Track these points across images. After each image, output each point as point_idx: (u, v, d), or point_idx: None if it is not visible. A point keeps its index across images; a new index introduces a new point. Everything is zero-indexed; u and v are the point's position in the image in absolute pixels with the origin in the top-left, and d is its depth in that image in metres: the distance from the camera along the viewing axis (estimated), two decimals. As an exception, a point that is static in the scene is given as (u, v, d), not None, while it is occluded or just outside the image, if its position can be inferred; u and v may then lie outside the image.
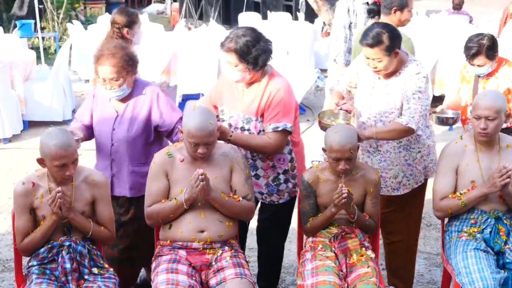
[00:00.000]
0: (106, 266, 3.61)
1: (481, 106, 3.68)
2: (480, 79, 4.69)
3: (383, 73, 3.97)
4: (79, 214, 3.53)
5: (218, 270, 3.51)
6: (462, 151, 3.82)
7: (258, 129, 3.95)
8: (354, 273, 3.54)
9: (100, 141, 4.04)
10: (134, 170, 4.02)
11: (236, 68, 3.89)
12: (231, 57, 3.88)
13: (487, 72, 4.57)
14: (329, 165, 3.72)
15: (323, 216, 3.72)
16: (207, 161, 3.62)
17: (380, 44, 3.82)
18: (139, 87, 4.12)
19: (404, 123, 3.85)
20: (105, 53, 3.88)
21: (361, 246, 3.71)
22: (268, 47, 3.96)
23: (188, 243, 3.59)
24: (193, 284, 3.41)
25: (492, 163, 3.75)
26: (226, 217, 3.64)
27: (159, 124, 4.02)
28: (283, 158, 4.04)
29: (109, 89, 3.87)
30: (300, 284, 3.54)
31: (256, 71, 3.92)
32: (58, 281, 3.43)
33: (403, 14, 5.46)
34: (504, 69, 4.60)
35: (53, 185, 3.51)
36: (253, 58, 3.85)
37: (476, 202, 3.73)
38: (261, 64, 3.90)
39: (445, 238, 3.92)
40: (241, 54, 3.84)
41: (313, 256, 3.65)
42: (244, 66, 3.87)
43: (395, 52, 3.88)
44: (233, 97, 4.10)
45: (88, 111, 4.14)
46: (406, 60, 4.03)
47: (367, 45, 3.86)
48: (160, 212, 3.60)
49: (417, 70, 3.94)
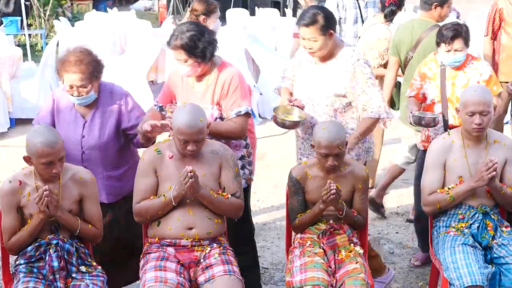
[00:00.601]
0: (94, 264, 3.59)
1: (474, 102, 3.69)
2: (447, 75, 4.62)
3: (318, 54, 4.07)
4: (66, 212, 3.52)
5: (206, 267, 3.51)
6: (450, 147, 3.84)
7: (214, 117, 4.01)
8: (342, 269, 3.54)
9: (67, 149, 3.89)
10: (110, 175, 4.01)
11: (186, 63, 3.94)
12: (179, 53, 3.93)
13: (463, 60, 4.50)
14: (318, 161, 3.73)
15: (312, 212, 3.72)
16: (196, 158, 3.62)
17: (315, 23, 3.94)
18: (105, 91, 4.07)
19: (376, 116, 4.00)
20: (71, 59, 3.80)
21: (350, 242, 3.71)
22: (213, 38, 4.03)
23: (176, 240, 3.58)
24: (181, 282, 3.41)
25: (480, 158, 3.77)
26: (215, 214, 3.64)
27: (127, 127, 4.00)
28: (239, 144, 4.13)
29: (76, 96, 3.81)
30: (289, 280, 3.54)
31: (205, 63, 3.98)
32: (45, 280, 3.41)
33: (443, 10, 5.48)
34: (472, 64, 4.57)
35: (40, 183, 3.50)
36: (201, 51, 3.90)
37: (464, 196, 3.75)
38: (209, 56, 3.96)
39: (433, 234, 3.94)
40: (188, 50, 3.89)
41: (301, 253, 3.65)
42: (193, 60, 3.92)
43: (329, 33, 3.98)
44: (186, 90, 4.15)
45: (49, 117, 4.06)
46: (342, 46, 4.14)
47: (303, 24, 3.99)
48: (148, 209, 3.60)
49: (355, 56, 4.08)
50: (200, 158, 3.66)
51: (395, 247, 5.24)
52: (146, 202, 3.61)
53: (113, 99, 4.02)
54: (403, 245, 5.28)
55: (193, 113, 3.53)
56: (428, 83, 4.64)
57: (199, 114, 3.55)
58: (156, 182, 3.66)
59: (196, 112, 3.56)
